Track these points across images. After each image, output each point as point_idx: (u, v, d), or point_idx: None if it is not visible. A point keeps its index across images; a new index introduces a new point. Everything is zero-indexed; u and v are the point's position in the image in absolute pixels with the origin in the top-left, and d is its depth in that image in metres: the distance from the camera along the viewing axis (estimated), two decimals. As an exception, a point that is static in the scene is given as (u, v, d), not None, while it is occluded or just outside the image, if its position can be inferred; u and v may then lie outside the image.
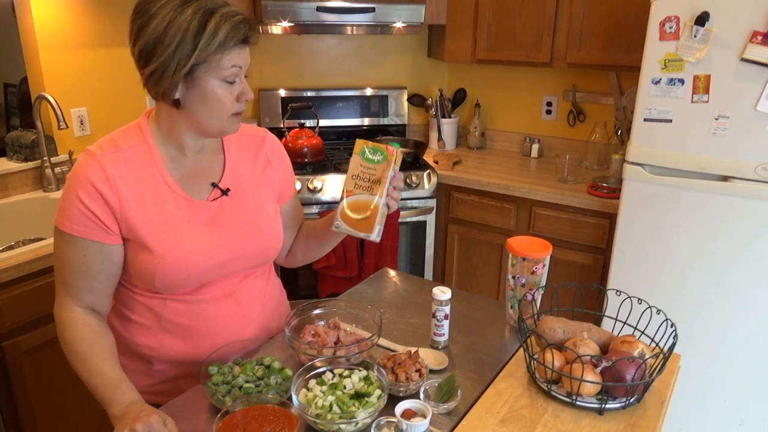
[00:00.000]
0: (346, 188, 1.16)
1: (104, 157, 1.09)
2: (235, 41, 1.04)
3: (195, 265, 1.14)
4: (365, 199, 1.15)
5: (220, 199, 1.20)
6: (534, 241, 1.31)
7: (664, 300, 2.04)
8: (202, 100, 1.07)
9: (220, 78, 1.05)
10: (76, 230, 1.09)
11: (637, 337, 1.15)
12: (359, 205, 1.15)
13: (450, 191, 2.64)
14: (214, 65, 1.04)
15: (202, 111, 1.08)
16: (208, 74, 1.04)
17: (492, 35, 2.64)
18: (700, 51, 1.79)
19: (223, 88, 1.06)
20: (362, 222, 1.15)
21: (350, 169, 1.16)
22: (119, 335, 1.21)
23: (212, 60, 1.03)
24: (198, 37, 1.01)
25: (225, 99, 1.07)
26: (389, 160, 1.15)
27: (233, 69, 1.05)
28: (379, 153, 1.15)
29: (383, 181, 1.14)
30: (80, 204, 1.07)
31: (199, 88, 1.06)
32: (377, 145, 1.16)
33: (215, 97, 1.06)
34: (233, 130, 1.15)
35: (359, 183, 1.15)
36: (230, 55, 1.04)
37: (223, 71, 1.04)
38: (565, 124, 2.89)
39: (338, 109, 3.01)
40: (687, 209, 1.94)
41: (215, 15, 1.02)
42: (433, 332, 1.26)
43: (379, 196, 1.14)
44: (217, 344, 1.17)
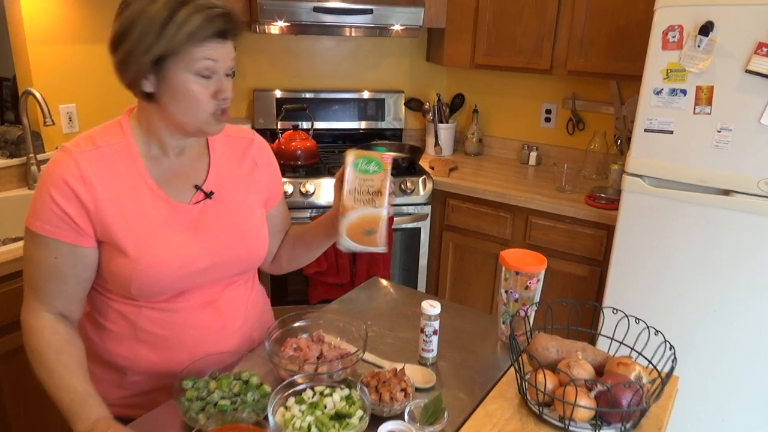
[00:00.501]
0: (346, 204, 1.11)
1: (80, 155, 1.04)
2: (208, 34, 0.98)
3: (173, 272, 1.08)
4: (369, 213, 1.11)
5: (203, 202, 1.14)
6: (528, 254, 1.26)
7: (661, 315, 1.99)
8: (173, 94, 1.02)
9: (192, 71, 1.00)
10: (48, 231, 1.03)
11: (633, 359, 1.10)
12: (364, 220, 1.11)
13: (445, 198, 2.59)
14: (184, 57, 0.99)
15: (175, 107, 1.03)
16: (178, 67, 0.99)
17: (492, 40, 2.60)
18: (704, 61, 1.74)
19: (197, 83, 1.01)
20: (371, 237, 1.11)
21: (347, 184, 1.11)
22: (92, 343, 1.16)
23: (183, 52, 0.98)
24: (165, 26, 0.97)
25: (198, 95, 1.02)
26: (385, 169, 1.11)
27: (206, 62, 1.00)
28: (373, 163, 1.10)
29: (383, 192, 1.11)
30: (53, 203, 1.02)
31: (170, 81, 1.01)
32: (370, 155, 1.11)
33: (186, 91, 1.01)
34: (215, 131, 1.10)
35: (359, 197, 1.11)
36: (203, 48, 0.99)
37: (195, 64, 0.99)
38: (564, 133, 2.84)
39: (334, 111, 2.96)
40: (687, 223, 1.89)
41: (188, 6, 0.98)
42: (421, 348, 1.21)
43: (383, 207, 1.11)
44: (195, 356, 1.11)
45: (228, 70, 1.05)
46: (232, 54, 1.05)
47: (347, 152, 1.13)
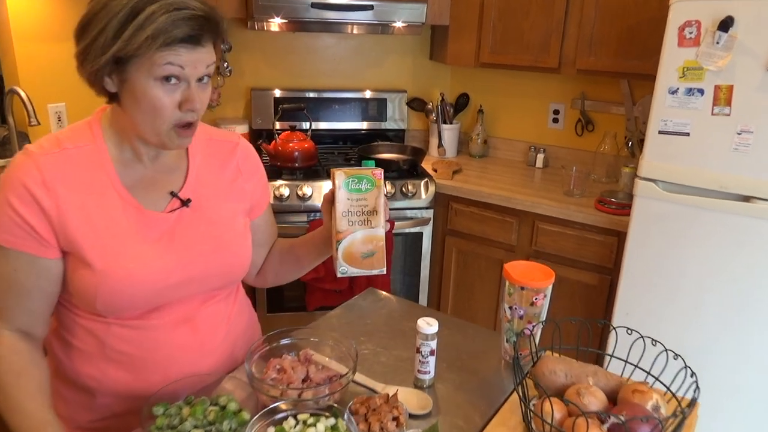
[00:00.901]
0: (339, 229, 1.04)
1: (43, 158, 0.95)
2: (172, 39, 0.88)
3: (143, 286, 0.99)
4: (366, 234, 1.05)
5: (179, 210, 1.05)
6: (534, 266, 1.16)
7: (675, 329, 1.89)
8: (134, 99, 0.93)
9: (153, 76, 0.90)
10: (6, 240, 0.95)
11: (650, 385, 1.00)
12: (362, 243, 1.05)
13: (448, 201, 2.49)
14: (146, 61, 0.89)
15: (137, 113, 0.94)
16: (139, 71, 0.90)
17: (497, 38, 2.49)
18: (723, 59, 1.64)
19: (158, 89, 0.91)
20: (370, 260, 1.05)
21: (338, 207, 1.03)
22: (59, 361, 1.07)
23: (144, 55, 0.88)
24: (124, 25, 0.87)
25: (159, 102, 0.91)
26: (378, 185, 1.04)
27: (169, 68, 0.90)
28: (365, 181, 1.03)
29: (379, 210, 1.05)
30: (11, 210, 0.93)
31: (130, 84, 0.91)
32: (360, 172, 1.04)
33: (146, 97, 0.91)
34: (176, 146, 0.99)
35: (353, 219, 1.04)
36: (166, 53, 0.89)
37: (156, 69, 0.89)
38: (573, 134, 2.73)
39: (335, 111, 2.87)
40: (703, 230, 1.78)
41: (153, 4, 0.87)
42: (417, 369, 1.11)
43: (380, 226, 1.05)
44: (169, 377, 1.02)
45: (200, 77, 0.95)
46: (204, 60, 0.94)
47: (334, 172, 1.04)
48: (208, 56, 0.94)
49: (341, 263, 1.05)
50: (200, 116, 0.98)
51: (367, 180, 1.04)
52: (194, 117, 0.96)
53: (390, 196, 2.38)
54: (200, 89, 0.95)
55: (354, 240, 1.04)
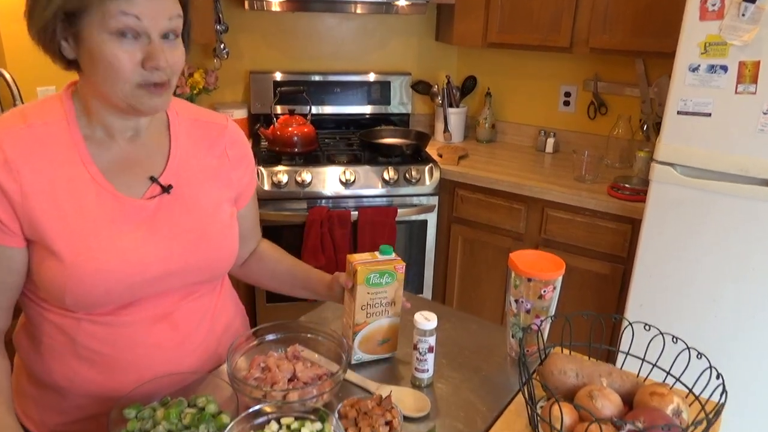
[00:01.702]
0: (357, 322, 1.05)
1: (6, 134, 0.86)
2: None
3: (117, 280, 0.90)
4: (383, 323, 1.07)
5: (158, 197, 0.96)
6: (542, 256, 1.07)
7: (692, 322, 1.79)
8: (92, 60, 0.83)
9: (107, 30, 0.81)
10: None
11: (670, 386, 0.91)
12: (378, 332, 1.07)
13: (454, 188, 2.39)
14: (97, 12, 0.80)
15: (96, 75, 0.85)
16: (92, 25, 0.81)
17: (506, 16, 2.38)
18: (749, 33, 1.52)
19: (113, 45, 0.81)
20: (386, 345, 1.09)
21: (358, 301, 1.03)
22: (29, 359, 0.99)
23: (94, 4, 0.79)
24: None
25: (116, 60, 0.82)
26: (399, 279, 1.04)
27: (123, 19, 0.80)
28: (386, 275, 1.03)
29: (398, 301, 1.06)
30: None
31: (86, 43, 0.82)
32: (382, 267, 1.03)
33: (102, 55, 0.82)
34: (148, 107, 0.88)
35: (371, 311, 1.05)
36: (117, 2, 0.79)
37: (109, 20, 0.80)
38: (585, 117, 2.62)
39: (337, 95, 2.77)
40: (724, 217, 1.67)
41: None
42: (414, 367, 1.02)
43: (397, 316, 1.07)
44: (145, 378, 0.93)
45: (163, 32, 0.85)
46: (169, 8, 0.84)
47: (356, 267, 1.02)
48: (171, 4, 0.84)
49: (356, 351, 1.07)
50: (173, 78, 0.88)
51: (389, 274, 1.03)
52: (162, 77, 0.86)
53: (393, 182, 2.29)
54: (168, 47, 0.85)
55: (372, 330, 1.06)
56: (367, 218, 2.24)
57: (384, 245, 1.06)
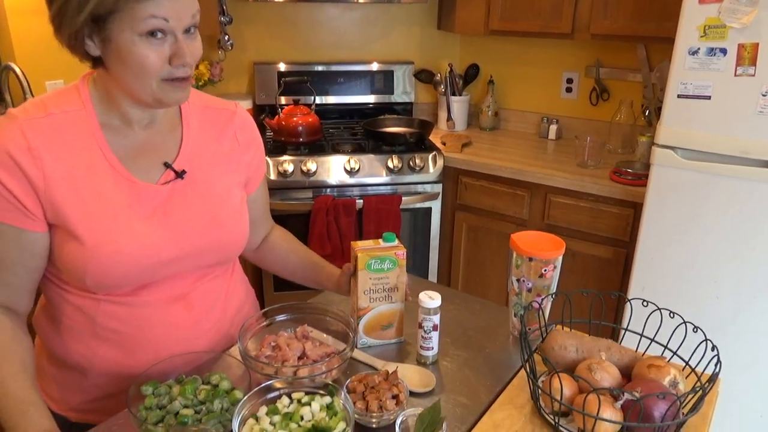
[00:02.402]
0: (360, 306, 1.08)
1: (28, 123, 0.90)
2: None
3: (135, 262, 0.94)
4: (386, 309, 1.10)
5: (172, 182, 1.00)
6: (543, 237, 1.10)
7: (694, 303, 1.81)
8: (119, 59, 0.87)
9: (136, 32, 0.84)
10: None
11: (667, 359, 0.94)
12: (382, 317, 1.10)
13: (458, 175, 2.42)
14: (126, 15, 0.83)
15: (124, 73, 0.88)
16: (121, 27, 0.84)
17: (507, 3, 2.39)
18: (747, 15, 1.53)
19: (144, 45, 0.85)
20: (389, 331, 1.12)
21: (360, 286, 1.07)
22: (50, 340, 1.03)
23: (123, 8, 0.82)
24: None
25: (146, 60, 0.86)
26: (400, 265, 1.07)
27: (153, 21, 0.84)
28: (387, 261, 1.06)
29: (400, 287, 1.09)
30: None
31: (114, 43, 0.85)
32: (383, 253, 1.06)
33: (132, 56, 0.85)
34: (173, 100, 0.93)
35: (374, 296, 1.08)
36: (146, 3, 0.82)
37: (139, 23, 0.83)
38: (587, 103, 2.63)
39: (340, 85, 2.79)
40: (725, 199, 1.69)
41: None
42: (419, 345, 1.06)
43: (400, 301, 1.10)
44: (161, 357, 0.97)
45: (185, 26, 0.88)
46: (188, 6, 0.88)
47: (357, 253, 1.06)
48: (190, 4, 0.88)
49: (361, 336, 1.10)
50: (193, 69, 0.93)
51: (390, 260, 1.06)
52: (186, 72, 0.90)
53: (397, 170, 2.31)
54: (189, 40, 0.89)
55: (374, 315, 1.09)
56: (371, 206, 2.27)
57: (387, 233, 1.09)
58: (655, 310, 0.98)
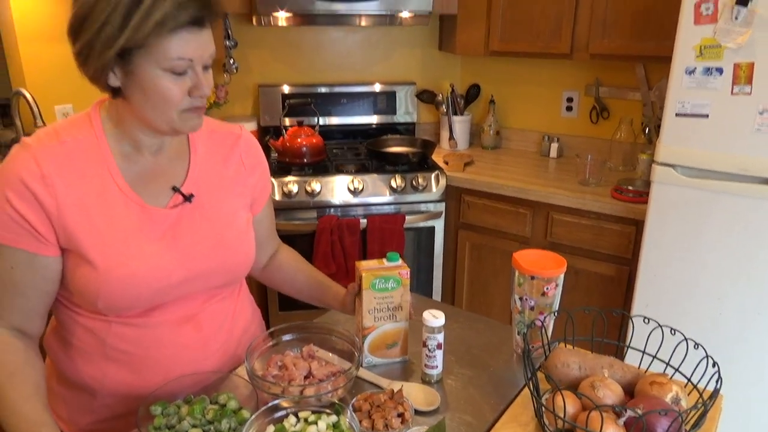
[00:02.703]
0: (365, 325, 1.10)
1: (42, 151, 0.92)
2: (180, 23, 0.86)
3: (146, 284, 0.96)
4: (391, 328, 1.11)
5: (181, 206, 1.02)
6: (545, 255, 1.11)
7: (698, 320, 1.82)
8: (142, 91, 0.90)
9: (162, 68, 0.88)
10: (3, 237, 0.92)
11: (669, 376, 0.95)
12: (387, 335, 1.11)
13: (460, 194, 2.44)
14: (153, 51, 0.86)
15: (144, 104, 0.91)
16: (147, 62, 0.87)
17: (507, 25, 2.43)
18: (742, 35, 1.56)
19: (167, 79, 0.89)
20: (394, 350, 1.13)
21: (364, 305, 1.08)
22: (60, 361, 1.05)
23: (151, 45, 0.86)
24: (130, 14, 0.84)
25: (169, 92, 0.90)
26: (404, 284, 1.09)
27: (179, 61, 0.88)
28: (391, 280, 1.08)
29: (405, 306, 1.10)
30: (8, 206, 0.91)
31: (137, 76, 0.89)
32: (387, 272, 1.08)
33: (155, 88, 0.89)
34: (189, 129, 0.97)
35: (378, 315, 1.10)
36: (175, 41, 0.86)
37: (165, 61, 0.87)
38: (587, 122, 2.66)
39: (344, 106, 2.83)
40: (725, 216, 1.71)
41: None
42: (424, 364, 1.07)
43: (404, 320, 1.11)
44: (171, 377, 0.99)
45: (205, 64, 0.93)
46: (209, 44, 0.92)
47: (361, 273, 1.07)
48: (210, 41, 0.93)
49: (366, 354, 1.11)
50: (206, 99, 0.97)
51: (394, 280, 1.07)
52: (203, 101, 0.95)
53: (400, 189, 2.34)
54: (205, 74, 0.94)
55: (379, 334, 1.10)
56: (375, 225, 2.30)
57: (391, 252, 1.11)
58: (656, 327, 0.99)
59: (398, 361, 1.13)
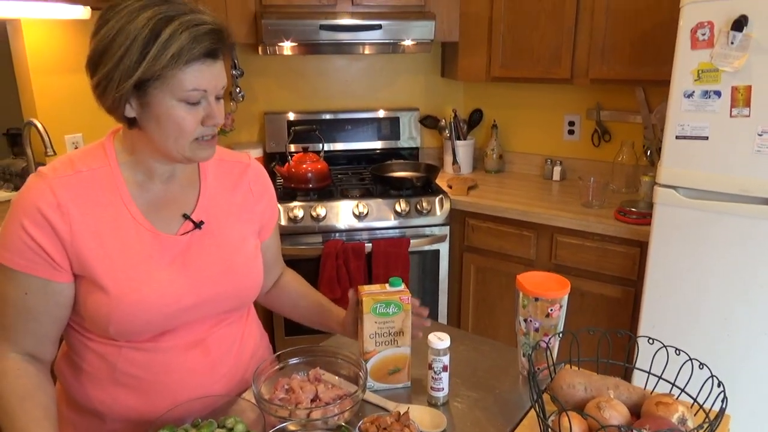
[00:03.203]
0: (367, 348, 1.09)
1: (57, 180, 0.95)
2: (194, 55, 0.89)
3: (156, 309, 0.98)
4: (392, 353, 1.11)
5: (191, 233, 1.04)
6: (549, 277, 1.12)
7: (704, 341, 1.81)
8: (157, 121, 0.93)
9: (177, 98, 0.91)
10: (18, 264, 0.94)
11: (675, 397, 0.95)
12: (388, 361, 1.11)
13: (464, 218, 2.46)
14: (169, 83, 0.90)
15: (159, 133, 0.94)
16: (162, 92, 0.90)
17: (507, 51, 2.48)
18: (739, 59, 1.59)
19: (182, 109, 0.92)
20: (397, 375, 1.12)
21: (366, 329, 1.08)
22: (70, 386, 1.06)
23: (167, 76, 0.89)
24: (147, 47, 0.87)
25: (183, 122, 0.93)
26: (405, 309, 1.09)
27: (194, 92, 0.91)
28: (392, 305, 1.08)
29: (406, 332, 1.10)
30: (24, 234, 0.93)
31: (152, 107, 0.92)
32: (388, 297, 1.08)
33: (170, 118, 0.92)
34: (201, 158, 1.00)
35: (380, 340, 1.09)
36: (189, 73, 0.90)
37: (180, 92, 0.91)
38: (589, 145, 2.69)
39: (348, 132, 2.87)
40: (728, 236, 1.72)
41: (173, 23, 0.88)
42: (430, 386, 1.07)
43: (406, 346, 1.11)
44: (179, 401, 1.00)
45: (217, 94, 0.96)
46: (222, 75, 0.96)
47: (362, 297, 1.07)
48: (222, 73, 0.96)
49: (368, 379, 1.09)
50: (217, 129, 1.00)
51: (395, 305, 1.07)
52: (214, 131, 0.99)
53: (405, 213, 2.36)
54: (217, 104, 0.97)
55: (380, 359, 1.10)
56: (380, 250, 2.31)
57: (393, 277, 1.12)
58: (660, 347, 1.00)
59: (400, 387, 1.12)
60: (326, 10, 2.41)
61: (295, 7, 2.40)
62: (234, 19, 2.36)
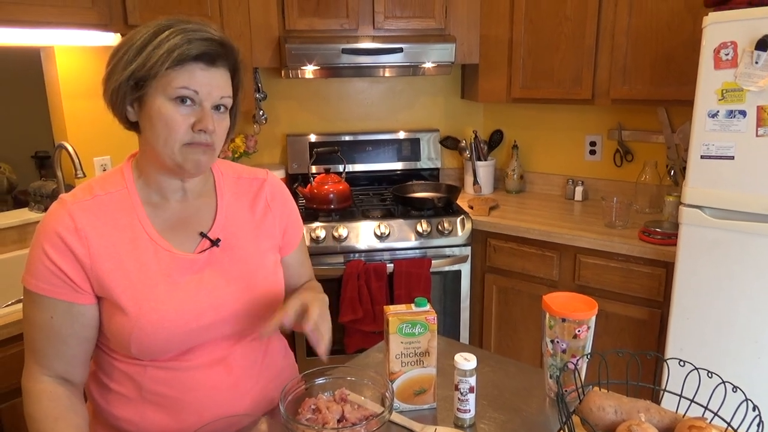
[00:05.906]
0: (392, 369, 1.10)
1: (75, 206, 0.98)
2: (186, 55, 0.93)
3: (176, 328, 0.99)
4: (418, 374, 1.10)
5: (209, 250, 1.06)
6: (575, 297, 1.12)
7: (734, 363, 1.77)
8: (150, 121, 0.96)
9: (167, 96, 0.94)
10: (42, 288, 0.97)
11: (708, 420, 0.93)
12: (414, 381, 1.11)
13: (486, 238, 2.45)
14: (161, 81, 0.94)
15: (152, 134, 0.97)
16: (156, 90, 0.94)
17: (528, 73, 2.50)
18: (763, 78, 1.58)
19: (171, 108, 0.94)
20: (422, 396, 1.12)
21: (392, 349, 1.09)
22: (98, 406, 1.07)
23: (159, 74, 0.93)
24: (144, 46, 0.93)
25: (172, 121, 0.94)
26: (431, 330, 1.08)
27: (183, 90, 0.94)
28: (418, 326, 1.08)
29: (432, 352, 1.10)
30: (46, 259, 0.96)
31: (147, 106, 0.96)
32: (414, 317, 1.08)
33: (160, 117, 0.94)
34: (192, 165, 0.98)
35: (406, 360, 1.10)
36: (180, 71, 0.93)
37: (171, 90, 0.94)
38: (612, 165, 2.68)
39: (369, 153, 2.90)
40: (756, 257, 1.69)
41: (172, 29, 0.94)
42: (456, 408, 1.07)
43: (432, 366, 1.11)
44: (205, 419, 1.01)
45: (214, 104, 0.98)
46: (220, 84, 0.97)
47: (388, 317, 1.08)
48: (224, 83, 0.98)
49: (394, 400, 1.09)
50: (217, 145, 1.00)
51: (421, 325, 1.08)
52: (207, 139, 0.97)
53: (426, 234, 2.36)
54: (217, 117, 0.98)
55: (408, 379, 1.10)
56: (402, 270, 2.31)
57: (419, 297, 1.12)
58: (692, 370, 0.98)
59: (426, 408, 1.12)
60: (348, 34, 2.46)
61: (317, 32, 2.45)
62: (258, 44, 2.42)
